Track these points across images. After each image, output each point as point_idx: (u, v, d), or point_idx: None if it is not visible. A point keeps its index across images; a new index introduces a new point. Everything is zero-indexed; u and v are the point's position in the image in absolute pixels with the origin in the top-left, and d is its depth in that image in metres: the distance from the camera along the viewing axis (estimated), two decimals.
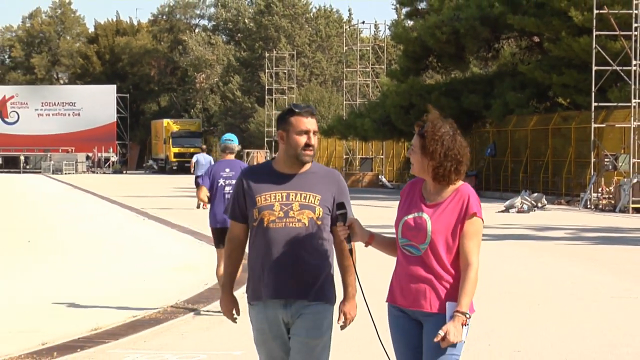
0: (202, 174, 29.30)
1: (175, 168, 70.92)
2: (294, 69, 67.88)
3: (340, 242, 4.86)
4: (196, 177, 29.94)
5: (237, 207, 4.96)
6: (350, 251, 4.84)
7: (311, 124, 4.84)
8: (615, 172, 31.71)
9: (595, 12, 31.85)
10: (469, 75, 46.19)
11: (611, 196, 30.75)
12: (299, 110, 4.84)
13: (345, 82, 60.05)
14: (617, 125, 32.68)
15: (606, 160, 31.74)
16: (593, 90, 31.73)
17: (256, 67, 73.89)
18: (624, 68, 31.49)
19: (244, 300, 5.01)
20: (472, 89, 41.23)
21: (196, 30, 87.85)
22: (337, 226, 4.79)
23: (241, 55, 76.69)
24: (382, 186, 49.15)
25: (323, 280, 4.86)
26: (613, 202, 30.41)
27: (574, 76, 36.04)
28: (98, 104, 78.56)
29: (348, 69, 60.71)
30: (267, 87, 67.25)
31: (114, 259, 16.10)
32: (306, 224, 4.81)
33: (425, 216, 4.63)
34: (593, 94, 31.79)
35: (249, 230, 4.95)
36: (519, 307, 11.03)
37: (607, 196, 30.93)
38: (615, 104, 32.67)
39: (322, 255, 4.85)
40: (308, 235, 4.81)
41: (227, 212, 5.08)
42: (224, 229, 8.87)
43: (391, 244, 4.84)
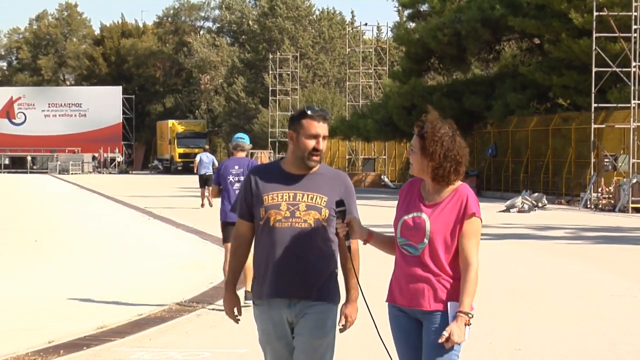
0: (204, 173, 29.63)
1: (180, 168, 70.90)
2: (297, 70, 67.85)
3: (342, 243, 4.85)
4: (199, 175, 30.12)
5: (244, 204, 4.95)
6: (349, 248, 4.81)
7: (322, 128, 4.83)
8: (615, 172, 31.76)
9: (595, 14, 31.91)
10: (470, 77, 46.14)
11: (611, 196, 30.80)
12: (312, 113, 4.82)
13: (348, 83, 60.10)
14: (616, 126, 32.71)
15: (606, 160, 31.80)
16: (593, 91, 31.80)
17: (260, 69, 73.89)
18: (623, 69, 31.55)
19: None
20: (473, 90, 41.27)
21: (201, 32, 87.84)
22: (336, 223, 4.78)
23: (245, 57, 76.66)
24: (384, 186, 49.22)
25: (327, 280, 4.86)
26: (613, 202, 30.46)
27: (574, 77, 36.09)
28: (104, 105, 78.54)
29: (351, 71, 60.67)
30: (270, 89, 67.21)
31: (120, 258, 16.13)
32: (312, 225, 4.81)
33: (424, 216, 4.63)
34: (593, 95, 31.86)
35: (255, 228, 4.93)
36: (520, 305, 11.04)
37: (607, 196, 30.99)
38: (615, 104, 32.73)
39: (326, 255, 4.85)
40: (313, 236, 4.81)
41: (234, 210, 5.13)
42: (234, 224, 8.98)
43: (390, 242, 4.82)
